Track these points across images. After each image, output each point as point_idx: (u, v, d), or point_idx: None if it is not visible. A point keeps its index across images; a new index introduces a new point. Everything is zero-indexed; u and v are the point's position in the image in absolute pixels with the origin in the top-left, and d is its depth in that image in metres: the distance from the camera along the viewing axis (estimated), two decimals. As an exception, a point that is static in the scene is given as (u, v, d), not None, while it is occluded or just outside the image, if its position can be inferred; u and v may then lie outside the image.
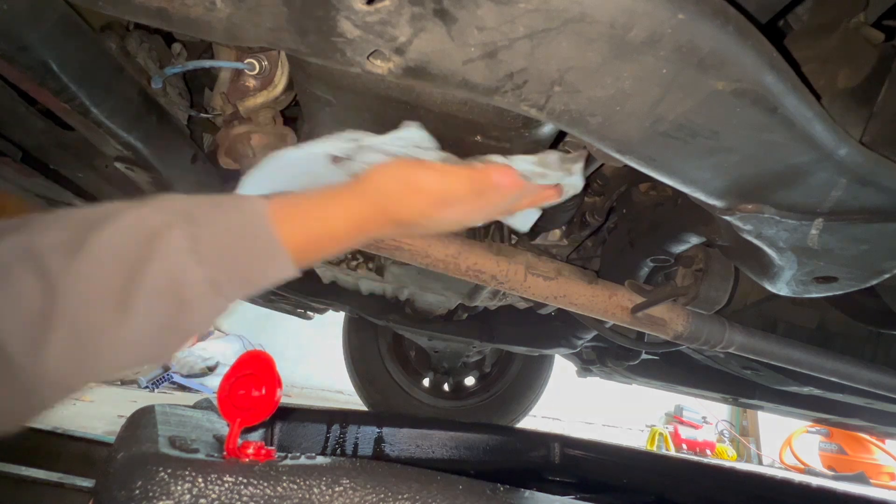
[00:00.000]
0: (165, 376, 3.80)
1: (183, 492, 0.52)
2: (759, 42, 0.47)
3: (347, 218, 0.58)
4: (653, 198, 1.06)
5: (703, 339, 1.10)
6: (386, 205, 0.58)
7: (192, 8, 0.51)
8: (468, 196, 0.60)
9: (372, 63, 0.51)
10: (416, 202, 0.59)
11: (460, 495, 0.61)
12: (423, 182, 0.58)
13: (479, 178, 0.60)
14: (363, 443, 1.52)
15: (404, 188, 0.59)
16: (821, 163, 0.56)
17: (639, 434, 6.11)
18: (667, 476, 1.69)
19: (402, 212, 0.59)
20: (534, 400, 2.56)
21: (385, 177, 0.59)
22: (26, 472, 1.44)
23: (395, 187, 0.59)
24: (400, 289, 1.60)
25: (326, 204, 0.58)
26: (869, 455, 4.95)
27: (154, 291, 0.47)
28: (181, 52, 0.94)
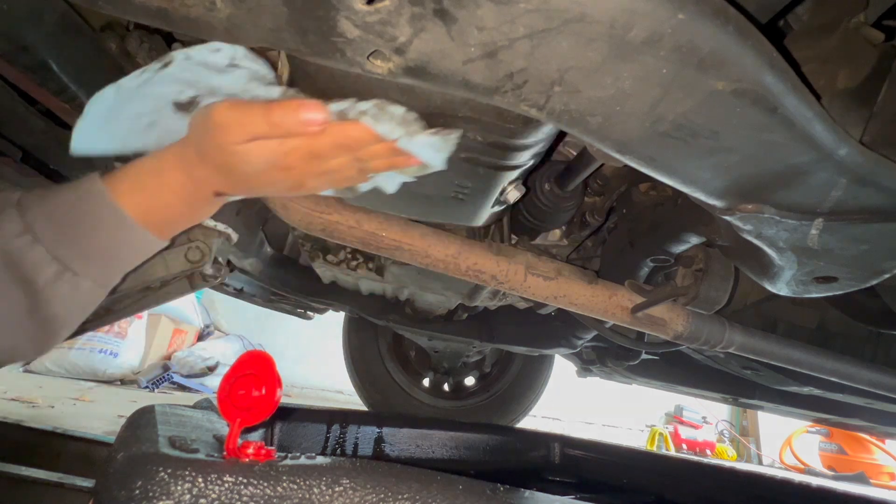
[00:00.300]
0: (165, 376, 3.80)
1: (183, 492, 0.52)
2: (759, 42, 0.47)
3: (177, 166, 0.55)
4: (653, 198, 1.06)
5: (703, 339, 1.10)
6: (199, 146, 0.55)
7: (192, 8, 0.51)
8: (267, 128, 0.54)
9: (372, 63, 0.51)
10: (214, 137, 0.54)
11: (460, 495, 0.61)
12: (215, 114, 0.54)
13: (278, 109, 0.54)
14: (363, 443, 1.52)
15: (204, 123, 0.55)
16: (821, 163, 0.56)
17: (639, 434, 6.12)
18: (667, 476, 1.69)
19: (210, 151, 0.55)
20: (534, 400, 2.56)
21: (196, 116, 0.56)
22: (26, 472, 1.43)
23: (200, 125, 0.55)
24: (400, 289, 1.60)
25: (156, 157, 0.56)
26: (869, 455, 4.95)
27: None
28: (181, 52, 0.93)
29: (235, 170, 0.56)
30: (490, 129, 0.68)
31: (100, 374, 3.61)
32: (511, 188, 0.83)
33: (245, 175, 0.56)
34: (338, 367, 2.72)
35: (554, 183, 0.96)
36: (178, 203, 0.57)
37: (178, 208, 0.57)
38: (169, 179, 0.55)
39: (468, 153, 0.74)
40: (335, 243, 1.25)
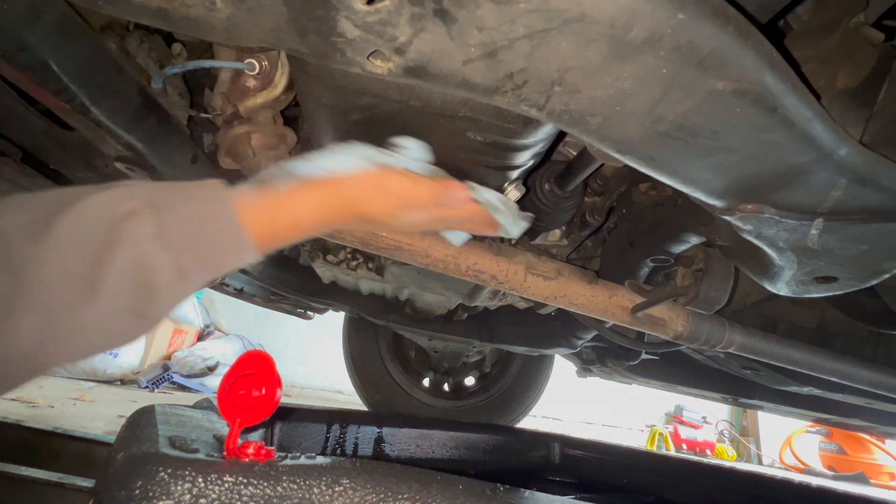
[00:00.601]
0: (165, 376, 3.80)
1: (183, 492, 0.52)
2: (759, 42, 0.47)
3: (315, 210, 0.61)
4: (653, 198, 1.06)
5: (703, 339, 1.10)
6: (355, 201, 0.63)
7: (192, 8, 0.51)
8: (429, 203, 0.67)
9: (372, 63, 0.51)
10: (384, 201, 0.64)
11: (460, 495, 0.61)
12: (393, 185, 0.64)
13: (441, 189, 0.67)
14: (363, 443, 1.52)
15: (375, 188, 0.64)
16: (821, 163, 0.56)
17: (639, 434, 6.12)
18: (667, 476, 1.69)
19: (369, 209, 0.64)
20: (534, 400, 2.56)
21: (360, 176, 0.64)
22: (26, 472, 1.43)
23: (367, 186, 0.63)
24: (400, 289, 1.60)
25: (297, 194, 0.60)
26: (869, 455, 4.95)
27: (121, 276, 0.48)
28: (181, 52, 0.94)
29: (382, 225, 0.66)
30: (490, 129, 0.68)
31: (100, 374, 3.61)
32: (511, 188, 0.83)
33: (385, 228, 0.69)
34: (338, 367, 2.72)
35: (554, 183, 0.96)
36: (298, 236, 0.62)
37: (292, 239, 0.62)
38: (301, 221, 0.61)
39: (469, 153, 0.74)
40: (335, 243, 1.25)
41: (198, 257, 0.53)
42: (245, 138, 0.88)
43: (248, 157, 0.89)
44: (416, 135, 0.71)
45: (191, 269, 0.52)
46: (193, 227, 0.53)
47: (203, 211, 0.54)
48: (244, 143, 0.88)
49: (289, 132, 0.91)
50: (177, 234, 0.51)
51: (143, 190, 0.52)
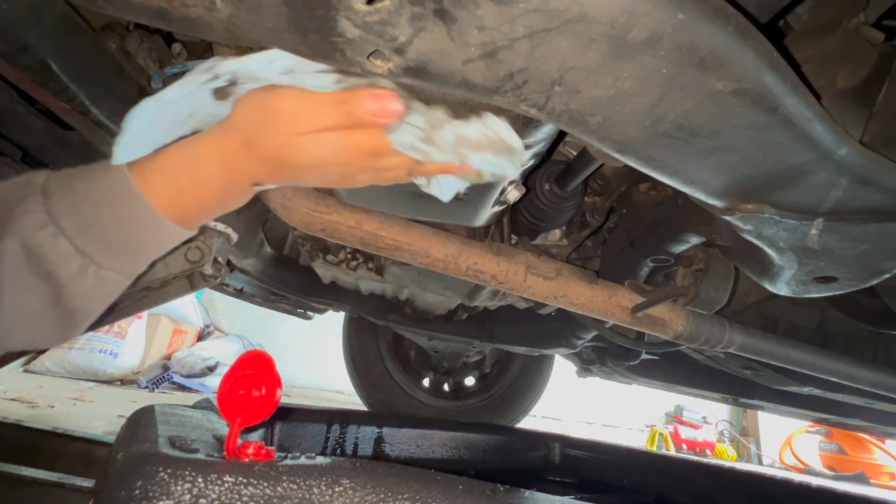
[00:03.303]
0: (165, 376, 3.80)
1: (183, 492, 0.52)
2: (759, 42, 0.47)
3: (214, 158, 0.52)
4: (653, 198, 1.06)
5: (703, 339, 1.10)
6: (249, 136, 0.51)
7: (192, 8, 0.51)
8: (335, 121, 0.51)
9: (372, 63, 0.51)
10: (276, 127, 0.50)
11: (460, 495, 0.61)
12: (281, 102, 0.50)
13: (353, 98, 0.50)
14: (363, 443, 1.52)
15: (262, 113, 0.51)
16: (821, 163, 0.56)
17: (639, 434, 6.12)
18: (667, 476, 1.69)
19: (265, 141, 0.51)
20: (534, 400, 2.56)
21: (246, 103, 0.52)
22: (26, 472, 1.43)
23: (255, 113, 0.51)
24: (400, 289, 1.60)
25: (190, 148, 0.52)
26: (869, 455, 4.95)
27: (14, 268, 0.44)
28: (181, 52, 0.94)
29: (289, 161, 0.52)
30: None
31: (100, 374, 3.62)
32: (511, 188, 0.83)
33: (299, 167, 0.53)
34: (338, 367, 2.72)
35: (554, 183, 0.96)
36: (212, 196, 0.54)
37: (210, 201, 0.54)
38: (204, 173, 0.52)
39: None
40: (335, 243, 1.25)
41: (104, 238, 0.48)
42: (245, 138, 0.87)
43: (248, 157, 0.88)
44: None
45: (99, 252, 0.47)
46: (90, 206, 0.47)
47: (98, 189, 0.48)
48: (244, 143, 0.88)
49: (289, 132, 0.91)
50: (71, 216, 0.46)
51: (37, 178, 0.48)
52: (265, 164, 0.52)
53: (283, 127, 0.50)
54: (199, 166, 0.52)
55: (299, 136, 0.50)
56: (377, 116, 0.51)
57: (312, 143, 0.51)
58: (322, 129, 0.51)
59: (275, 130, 0.50)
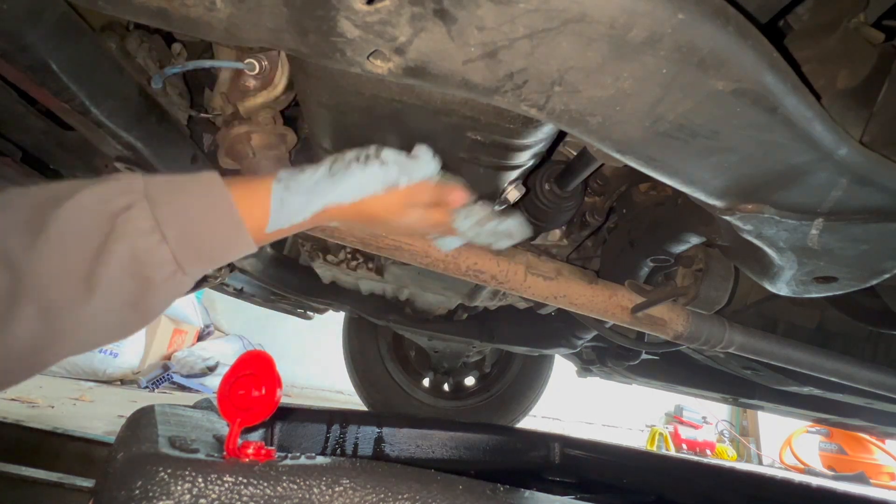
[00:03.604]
0: (165, 376, 3.80)
1: (183, 492, 0.52)
2: (759, 42, 0.47)
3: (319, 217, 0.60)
4: (653, 198, 1.06)
5: (703, 339, 1.10)
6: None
7: (192, 8, 0.51)
8: (430, 199, 0.66)
9: (372, 63, 0.51)
10: (389, 198, 0.63)
11: (460, 495, 0.61)
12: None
13: (442, 191, 0.67)
14: (363, 443, 1.52)
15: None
16: (821, 163, 0.56)
17: (639, 434, 6.12)
18: (667, 476, 1.69)
19: (372, 204, 0.63)
20: (534, 400, 2.56)
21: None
22: (26, 472, 1.43)
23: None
24: (400, 289, 1.60)
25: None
26: (869, 455, 4.95)
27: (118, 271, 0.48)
28: (181, 52, 0.94)
29: (381, 221, 0.65)
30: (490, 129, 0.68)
31: (100, 374, 3.62)
32: (511, 188, 0.83)
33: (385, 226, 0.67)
34: (338, 367, 2.72)
35: (554, 183, 0.96)
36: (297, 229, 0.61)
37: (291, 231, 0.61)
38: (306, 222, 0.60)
39: (468, 153, 0.74)
40: (335, 243, 1.25)
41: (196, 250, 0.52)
42: (245, 138, 0.88)
43: (248, 156, 0.89)
44: (416, 135, 0.71)
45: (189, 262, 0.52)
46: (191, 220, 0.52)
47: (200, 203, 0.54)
48: (244, 143, 0.88)
49: (289, 132, 0.91)
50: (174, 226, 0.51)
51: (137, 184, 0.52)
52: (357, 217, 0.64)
53: (398, 197, 0.64)
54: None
55: (404, 207, 0.65)
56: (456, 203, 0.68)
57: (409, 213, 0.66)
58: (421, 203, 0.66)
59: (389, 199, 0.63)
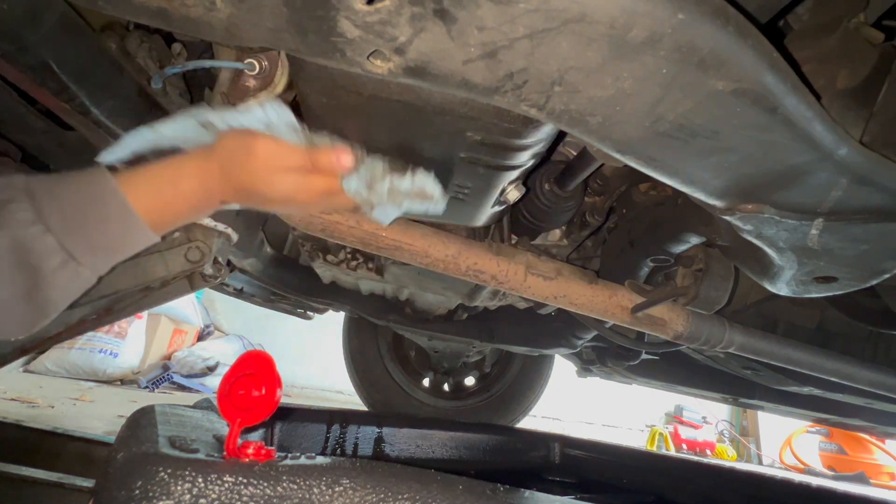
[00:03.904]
0: (165, 376, 3.80)
1: (183, 492, 0.52)
2: (759, 42, 0.47)
3: (195, 177, 0.61)
4: (653, 198, 1.06)
5: (703, 339, 1.10)
6: (227, 166, 0.61)
7: (192, 8, 0.51)
8: (300, 163, 0.63)
9: (372, 63, 0.51)
10: (251, 162, 0.61)
11: (460, 495, 0.61)
12: (259, 142, 0.61)
13: (314, 153, 0.63)
14: (363, 443, 1.52)
15: (241, 150, 0.61)
16: (821, 163, 0.56)
17: (639, 434, 6.11)
18: (667, 476, 1.69)
19: (239, 173, 0.61)
20: (534, 400, 2.55)
21: (228, 140, 0.62)
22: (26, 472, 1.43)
23: (235, 149, 0.62)
24: (400, 289, 1.60)
25: (175, 165, 0.61)
26: (869, 455, 4.95)
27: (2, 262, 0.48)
28: (181, 52, 0.93)
29: (256, 191, 0.62)
30: (490, 129, 0.68)
31: (100, 374, 3.61)
32: (511, 188, 0.83)
33: (263, 197, 0.63)
34: (338, 367, 2.72)
35: (554, 183, 0.96)
36: (186, 208, 0.62)
37: (185, 213, 0.62)
38: (184, 187, 0.60)
39: (468, 153, 0.74)
40: (335, 243, 1.24)
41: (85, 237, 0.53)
42: (245, 138, 0.87)
43: (248, 157, 0.88)
44: (416, 135, 0.71)
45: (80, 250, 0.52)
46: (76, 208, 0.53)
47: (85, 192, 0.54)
48: (244, 143, 0.88)
49: (289, 132, 0.91)
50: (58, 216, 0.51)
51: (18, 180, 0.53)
52: (234, 190, 0.62)
53: (257, 162, 0.61)
54: (180, 181, 0.60)
55: (269, 172, 0.61)
56: (334, 166, 0.63)
57: (277, 180, 0.62)
58: (288, 167, 0.62)
59: (250, 164, 0.61)
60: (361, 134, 0.75)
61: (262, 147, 0.61)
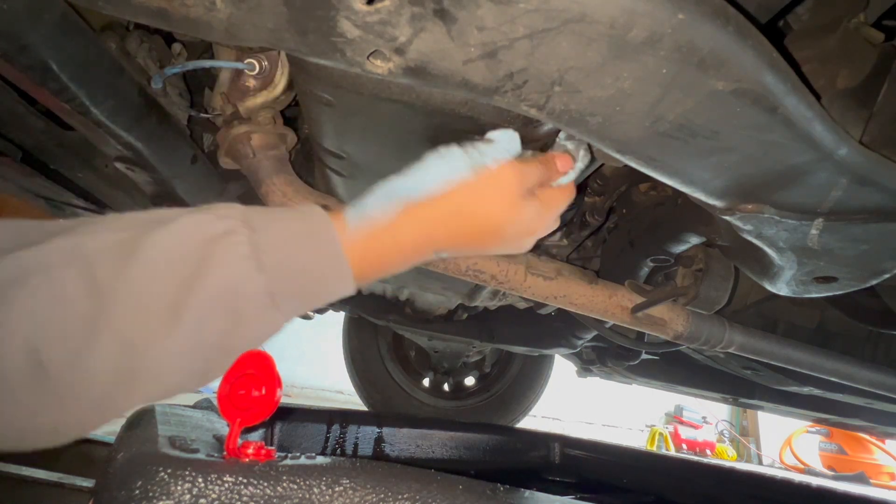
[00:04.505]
0: (165, 376, 3.79)
1: (183, 492, 0.52)
2: (759, 42, 0.47)
3: (418, 225, 0.54)
4: (653, 198, 1.06)
5: (703, 339, 1.10)
6: (469, 200, 0.54)
7: (192, 8, 0.51)
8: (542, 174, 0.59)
9: (372, 63, 0.51)
10: (502, 193, 0.55)
11: (460, 495, 0.61)
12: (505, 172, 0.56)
13: (548, 161, 0.61)
14: (363, 443, 1.52)
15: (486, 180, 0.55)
16: (821, 163, 0.56)
17: (639, 434, 6.12)
18: (667, 476, 1.69)
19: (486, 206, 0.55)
20: (534, 400, 2.56)
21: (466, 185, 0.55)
22: (26, 472, 1.43)
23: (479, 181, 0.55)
24: (400, 289, 1.60)
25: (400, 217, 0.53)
26: (869, 455, 4.95)
27: (210, 301, 0.42)
28: (181, 52, 0.94)
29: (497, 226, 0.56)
30: (490, 129, 0.68)
31: (100, 374, 3.61)
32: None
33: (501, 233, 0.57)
34: (338, 367, 2.72)
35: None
36: (399, 260, 0.55)
37: (394, 265, 0.55)
38: (403, 238, 0.53)
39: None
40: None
41: (293, 283, 0.47)
42: (245, 138, 0.88)
43: (248, 156, 0.89)
44: (416, 135, 0.71)
45: (283, 296, 0.46)
46: (291, 249, 0.47)
47: (302, 233, 0.48)
48: (244, 143, 0.88)
49: (289, 132, 0.91)
50: (272, 254, 0.45)
51: (236, 210, 0.47)
52: (468, 232, 0.56)
53: (510, 189, 0.55)
54: (401, 231, 0.53)
55: (515, 197, 0.56)
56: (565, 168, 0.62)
57: (523, 205, 0.56)
58: (531, 188, 0.58)
59: (502, 192, 0.55)
60: (361, 134, 0.75)
61: (509, 173, 0.56)
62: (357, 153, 0.81)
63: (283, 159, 0.91)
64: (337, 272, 0.49)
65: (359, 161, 0.82)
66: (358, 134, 0.76)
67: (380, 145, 0.77)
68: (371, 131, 0.74)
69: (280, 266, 0.45)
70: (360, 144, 0.78)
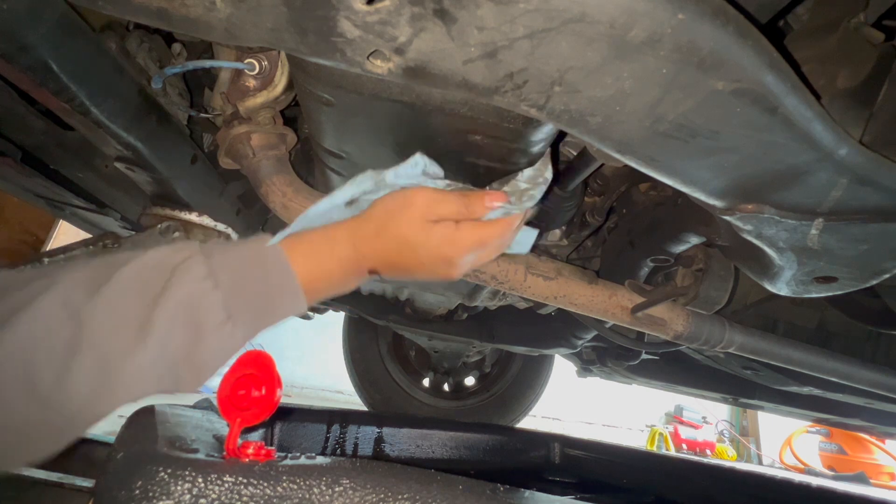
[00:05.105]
0: (165, 376, 3.79)
1: (183, 492, 0.52)
2: (759, 42, 0.47)
3: (348, 241, 0.61)
4: (653, 198, 1.06)
5: (703, 339, 1.10)
6: (383, 222, 0.62)
7: (192, 8, 0.51)
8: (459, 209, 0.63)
9: (372, 63, 0.51)
10: (411, 211, 0.61)
11: (460, 495, 0.61)
12: (418, 195, 0.62)
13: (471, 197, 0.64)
14: (363, 443, 1.52)
15: (402, 201, 0.62)
16: (821, 163, 0.56)
17: (639, 434, 6.11)
18: (667, 476, 1.69)
19: (398, 223, 0.61)
20: (534, 400, 2.56)
21: (386, 198, 0.63)
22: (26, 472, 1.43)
23: (395, 203, 0.62)
24: (400, 289, 1.60)
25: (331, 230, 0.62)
26: (869, 455, 4.95)
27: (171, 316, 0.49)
28: (181, 52, 0.94)
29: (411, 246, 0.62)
30: (490, 130, 0.68)
31: (100, 374, 3.61)
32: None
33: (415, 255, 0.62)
34: (338, 367, 2.72)
35: (554, 183, 0.96)
36: (339, 274, 0.61)
37: (336, 280, 0.61)
38: (339, 251, 0.60)
39: (468, 154, 0.74)
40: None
41: (247, 299, 0.53)
42: (245, 138, 0.88)
43: (248, 156, 0.89)
44: (416, 135, 0.71)
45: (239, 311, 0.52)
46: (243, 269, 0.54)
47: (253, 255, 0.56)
48: (244, 143, 0.88)
49: (289, 132, 0.91)
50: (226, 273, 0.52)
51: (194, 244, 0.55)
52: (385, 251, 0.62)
53: (417, 211, 0.61)
54: (336, 245, 0.61)
55: (425, 221, 0.61)
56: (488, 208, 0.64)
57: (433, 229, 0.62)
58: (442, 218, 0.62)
59: (409, 213, 0.61)
60: (361, 134, 0.75)
61: (422, 194, 0.62)
62: (357, 153, 0.81)
63: (282, 159, 0.91)
64: (287, 288, 0.56)
65: (359, 161, 0.82)
66: (358, 134, 0.76)
67: (380, 145, 0.77)
68: (371, 131, 0.74)
69: (234, 284, 0.52)
70: (360, 144, 0.78)
